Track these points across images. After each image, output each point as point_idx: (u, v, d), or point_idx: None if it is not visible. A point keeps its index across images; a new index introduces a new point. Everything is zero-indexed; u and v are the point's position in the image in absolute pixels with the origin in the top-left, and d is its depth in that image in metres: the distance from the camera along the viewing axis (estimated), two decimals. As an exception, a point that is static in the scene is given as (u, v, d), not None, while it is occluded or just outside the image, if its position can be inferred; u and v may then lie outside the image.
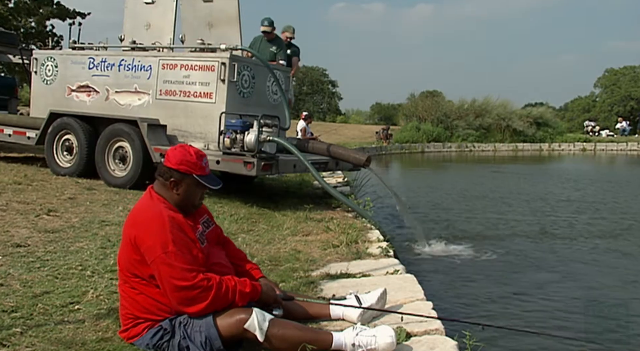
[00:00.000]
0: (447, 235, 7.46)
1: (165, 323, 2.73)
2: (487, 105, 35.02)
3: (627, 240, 7.78)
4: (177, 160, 2.85)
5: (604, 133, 38.56)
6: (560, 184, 15.06)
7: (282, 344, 2.67)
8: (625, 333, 4.42)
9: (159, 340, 2.71)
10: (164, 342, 2.71)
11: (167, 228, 2.69)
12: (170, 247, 2.64)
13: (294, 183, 9.85)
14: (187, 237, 2.75)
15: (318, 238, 5.40)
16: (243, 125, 6.84)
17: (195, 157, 2.87)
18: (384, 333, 2.75)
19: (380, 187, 8.10)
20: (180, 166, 2.83)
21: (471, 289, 5.41)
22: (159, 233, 2.68)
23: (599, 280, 5.84)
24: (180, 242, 2.68)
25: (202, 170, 2.88)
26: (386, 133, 28.77)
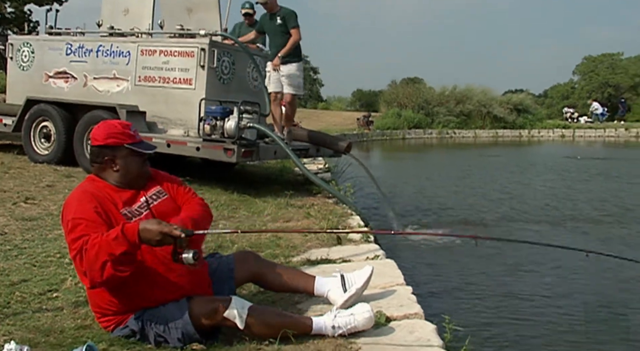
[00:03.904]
0: (428, 221, 7.52)
1: (132, 322, 2.68)
2: (468, 92, 35.10)
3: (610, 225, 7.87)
4: (103, 135, 2.74)
5: (583, 119, 38.90)
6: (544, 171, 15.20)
7: (262, 330, 2.67)
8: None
9: (132, 338, 2.69)
10: (137, 340, 2.68)
11: (79, 202, 2.60)
12: (71, 215, 2.54)
13: (274, 170, 9.84)
14: (99, 213, 2.58)
15: (299, 224, 5.41)
16: (223, 111, 6.80)
17: (120, 127, 2.79)
18: (362, 309, 2.77)
19: (362, 173, 8.12)
20: (108, 140, 2.73)
21: (451, 273, 5.47)
22: (71, 208, 2.59)
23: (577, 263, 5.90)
24: (83, 213, 2.55)
25: (132, 138, 2.77)
26: (367, 120, 28.75)
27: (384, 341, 2.70)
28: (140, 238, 2.44)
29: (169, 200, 2.89)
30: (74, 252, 2.46)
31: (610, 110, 42.27)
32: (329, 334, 2.74)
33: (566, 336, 4.01)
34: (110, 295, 2.65)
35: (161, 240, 2.46)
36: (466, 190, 10.93)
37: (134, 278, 2.58)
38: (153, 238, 2.44)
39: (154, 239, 2.45)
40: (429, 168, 16.16)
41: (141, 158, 2.81)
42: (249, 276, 3.13)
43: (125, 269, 2.46)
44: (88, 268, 2.42)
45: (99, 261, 2.39)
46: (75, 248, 2.45)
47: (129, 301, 2.67)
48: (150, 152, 2.83)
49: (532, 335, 4.06)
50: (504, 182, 12.20)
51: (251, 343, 2.65)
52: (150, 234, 2.44)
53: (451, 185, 11.77)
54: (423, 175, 13.85)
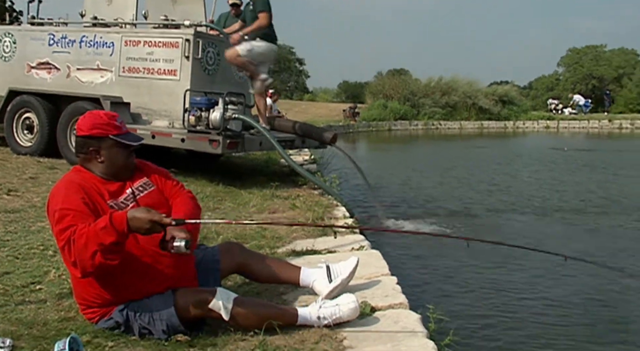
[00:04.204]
0: (414, 212, 7.54)
1: (116, 314, 2.66)
2: (454, 83, 35.20)
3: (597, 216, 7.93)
4: (88, 125, 2.71)
5: (567, 111, 39.18)
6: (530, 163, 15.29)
7: (248, 321, 2.66)
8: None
9: (117, 329, 2.67)
10: (122, 331, 2.67)
11: (66, 192, 2.57)
12: (58, 206, 2.51)
13: (260, 162, 9.83)
14: (87, 203, 2.56)
15: (284, 215, 5.40)
16: (208, 102, 6.76)
17: (106, 117, 2.75)
18: (347, 300, 2.78)
19: (347, 164, 8.12)
20: (93, 130, 2.70)
21: (437, 264, 5.50)
22: (58, 199, 2.55)
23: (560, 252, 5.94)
24: (70, 203, 2.52)
25: (118, 129, 2.74)
26: (353, 112, 28.78)
27: (368, 330, 2.71)
28: (129, 226, 2.40)
29: (155, 192, 2.86)
30: (62, 243, 2.43)
31: (594, 102, 42.60)
32: (314, 324, 2.74)
33: (551, 329, 4.04)
34: (95, 286, 2.63)
35: (150, 228, 2.43)
36: (453, 182, 10.98)
37: (121, 270, 2.56)
38: (142, 226, 2.41)
39: (143, 227, 2.41)
40: (415, 160, 16.21)
41: (127, 150, 2.77)
42: (234, 267, 3.13)
43: (115, 257, 2.44)
44: (78, 258, 2.38)
45: (89, 251, 2.37)
46: (63, 239, 2.42)
47: (114, 293, 2.65)
48: (136, 144, 2.80)
49: (516, 326, 4.09)
50: (491, 174, 12.26)
51: (236, 334, 2.65)
52: (140, 222, 2.40)
53: (437, 176, 11.82)
54: (409, 167, 13.88)
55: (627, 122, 35.45)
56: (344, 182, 7.37)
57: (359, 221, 5.33)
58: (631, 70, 53.45)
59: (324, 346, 2.54)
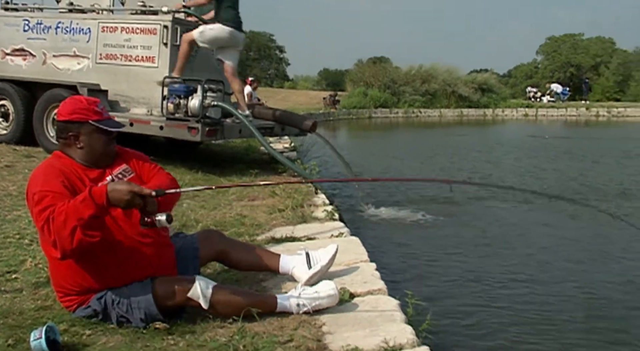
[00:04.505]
0: (394, 199, 7.56)
1: (94, 303, 2.64)
2: (434, 71, 35.36)
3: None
4: (68, 110, 2.68)
5: (545, 99, 39.55)
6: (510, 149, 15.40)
7: (227, 309, 2.66)
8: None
9: (94, 318, 2.66)
10: (99, 319, 2.65)
11: (46, 176, 2.55)
12: (37, 188, 2.48)
13: (240, 149, 9.79)
14: (67, 187, 2.53)
15: (264, 203, 5.40)
16: (186, 90, 6.71)
17: (86, 103, 2.72)
18: (326, 287, 2.79)
19: (328, 152, 8.11)
20: (73, 115, 2.67)
21: (415, 250, 5.52)
22: (38, 182, 2.53)
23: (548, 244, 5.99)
24: (50, 186, 2.49)
25: (98, 114, 2.70)
26: (333, 99, 28.79)
27: (347, 317, 2.72)
28: (109, 199, 2.38)
29: (135, 179, 2.83)
30: (41, 222, 2.39)
31: (572, 90, 43.05)
32: (293, 312, 2.75)
33: (531, 315, 4.07)
34: (74, 273, 2.61)
35: (130, 200, 2.40)
36: (433, 169, 11.01)
37: (102, 256, 2.55)
38: (122, 197, 2.39)
39: (123, 199, 2.39)
40: (396, 148, 16.24)
41: (106, 136, 2.73)
42: (213, 255, 3.12)
43: (95, 234, 2.41)
44: (57, 236, 2.35)
45: (68, 227, 2.33)
46: (42, 219, 2.39)
47: (93, 280, 2.63)
48: (115, 130, 2.76)
49: (495, 312, 4.12)
50: (471, 161, 12.32)
51: (215, 321, 2.65)
52: (119, 194, 2.39)
53: (418, 164, 11.86)
54: (390, 154, 13.91)
55: (604, 110, 35.94)
56: (324, 169, 7.36)
57: (338, 208, 5.32)
58: (608, 58, 54.02)
59: (302, 332, 2.54)
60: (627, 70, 51.83)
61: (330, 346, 2.43)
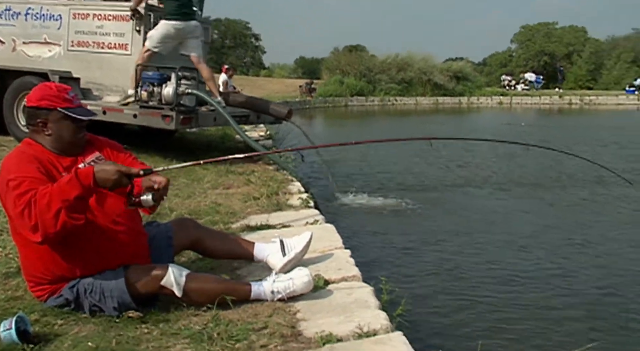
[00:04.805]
0: (370, 187, 7.58)
1: (66, 292, 2.61)
2: (409, 59, 35.49)
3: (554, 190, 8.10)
4: (37, 96, 2.64)
5: (520, 87, 39.96)
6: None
7: (200, 297, 2.65)
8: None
9: (66, 307, 2.63)
10: (72, 309, 2.63)
11: (19, 162, 2.51)
12: (12, 175, 2.44)
13: (215, 138, 9.73)
14: (42, 173, 2.50)
15: (239, 191, 5.38)
16: (160, 77, 6.64)
17: (56, 90, 2.67)
18: (300, 274, 2.80)
19: (304, 140, 8.10)
20: (42, 102, 2.63)
21: (391, 238, 5.57)
22: (11, 168, 2.49)
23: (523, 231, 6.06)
24: (26, 172, 2.45)
25: (68, 102, 2.66)
26: (309, 88, 28.74)
27: (322, 303, 2.73)
28: (96, 179, 2.38)
29: None
30: (20, 207, 2.35)
31: (546, 79, 43.54)
32: (268, 299, 2.75)
33: (504, 302, 4.12)
34: (46, 262, 2.57)
35: (117, 180, 2.41)
36: (409, 157, 11.03)
37: (75, 242, 2.51)
38: (109, 177, 2.39)
39: (111, 179, 2.40)
40: (372, 136, 16.25)
41: (76, 125, 2.69)
42: (187, 244, 3.10)
43: (79, 217, 2.39)
44: (40, 219, 2.31)
45: (52, 209, 2.31)
46: (22, 203, 2.34)
47: (66, 269, 2.60)
48: (85, 119, 2.72)
49: (469, 298, 4.17)
50: (448, 149, 12.37)
51: (189, 310, 2.64)
52: (107, 174, 2.39)
53: (394, 152, 11.86)
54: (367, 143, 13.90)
55: (577, 98, 36.47)
56: (299, 157, 7.34)
57: (313, 196, 5.33)
58: (581, 47, 54.67)
59: (277, 319, 2.55)
60: (599, 59, 52.58)
61: (304, 332, 2.44)
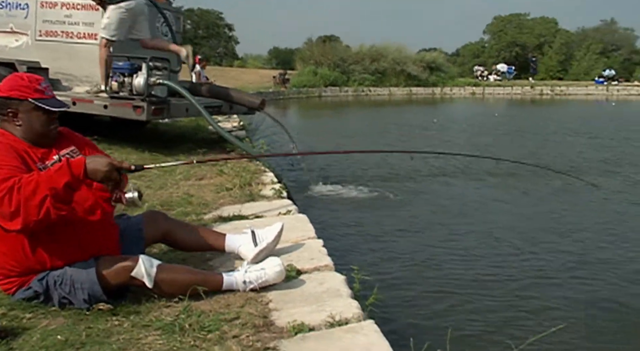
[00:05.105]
0: (345, 177, 7.60)
1: (35, 284, 2.57)
2: (383, 50, 35.61)
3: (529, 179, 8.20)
4: (8, 86, 2.60)
5: (492, 78, 40.36)
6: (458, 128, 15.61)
7: (172, 288, 2.63)
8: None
9: (35, 300, 2.59)
10: (40, 302, 2.59)
11: None
12: None
13: (188, 129, 9.65)
14: (17, 161, 2.47)
15: (211, 181, 5.34)
16: (131, 67, 6.55)
17: (27, 80, 2.64)
18: (272, 263, 2.79)
19: (277, 131, 8.08)
20: (12, 92, 2.59)
21: (364, 228, 5.60)
22: None
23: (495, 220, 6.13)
24: (3, 160, 2.42)
25: (39, 93, 2.63)
26: (283, 78, 28.67)
27: (294, 293, 2.73)
28: (87, 170, 2.37)
29: None
30: (1, 193, 2.31)
31: (518, 69, 44.04)
32: (240, 289, 2.74)
33: (475, 293, 4.17)
34: (15, 254, 2.53)
35: (108, 173, 2.41)
36: (384, 148, 11.04)
37: (46, 233, 2.48)
38: (100, 169, 2.39)
39: (101, 170, 2.39)
40: (346, 126, 16.30)
41: (47, 116, 2.65)
42: (158, 236, 3.08)
43: (64, 207, 2.38)
44: (23, 205, 2.28)
45: (37, 197, 2.29)
46: (3, 189, 2.30)
47: (36, 260, 2.55)
48: (57, 110, 2.68)
49: (441, 286, 4.22)
50: (423, 139, 12.46)
51: (160, 301, 2.62)
52: (98, 165, 2.39)
53: (368, 143, 11.90)
54: (340, 133, 13.95)
55: (548, 89, 37.00)
56: (272, 148, 7.33)
57: (287, 186, 5.32)
58: (552, 38, 55.33)
59: (249, 309, 2.54)
60: (570, 50, 53.28)
61: (276, 322, 2.44)
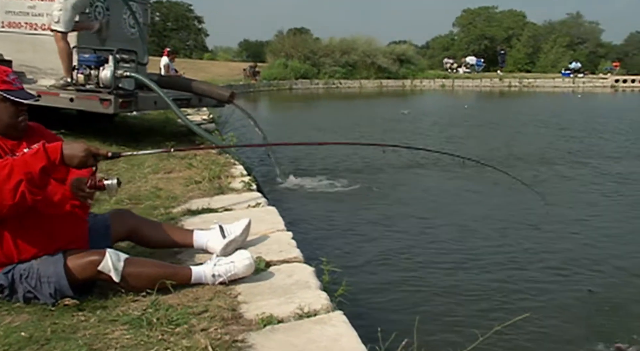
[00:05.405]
0: (315, 169, 7.60)
1: (1, 277, 2.52)
2: (353, 42, 35.63)
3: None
4: None
5: (462, 70, 40.72)
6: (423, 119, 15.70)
7: (140, 282, 2.61)
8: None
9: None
10: (4, 297, 2.54)
11: None
12: None
13: (157, 122, 9.55)
14: None
15: (180, 175, 5.30)
16: (97, 60, 6.46)
17: None
18: (241, 256, 2.78)
19: (246, 123, 8.04)
20: None
21: (334, 220, 5.62)
22: None
23: (455, 208, 6.19)
24: None
25: (7, 84, 2.58)
26: (253, 71, 28.52)
27: (263, 285, 2.73)
28: (63, 155, 2.36)
29: None
30: None
31: (487, 62, 44.50)
32: (209, 282, 2.73)
33: (444, 281, 4.23)
34: None
35: (85, 159, 2.41)
36: (355, 140, 11.05)
37: (11, 227, 2.45)
38: (77, 154, 2.39)
39: (78, 156, 2.39)
40: (317, 119, 16.28)
41: (15, 107, 2.60)
42: (125, 234, 3.04)
43: (38, 192, 2.37)
44: None
45: (12, 180, 2.28)
46: None
47: (2, 253, 2.51)
48: (26, 102, 2.63)
49: (409, 278, 4.26)
50: (395, 132, 12.49)
51: (128, 296, 2.59)
52: (75, 151, 2.38)
53: (340, 135, 11.91)
54: (311, 126, 13.93)
55: (516, 81, 37.48)
56: (242, 141, 7.29)
57: (256, 178, 5.31)
58: (520, 31, 55.98)
59: (218, 302, 2.53)
60: (537, 42, 53.97)
61: (245, 315, 2.44)
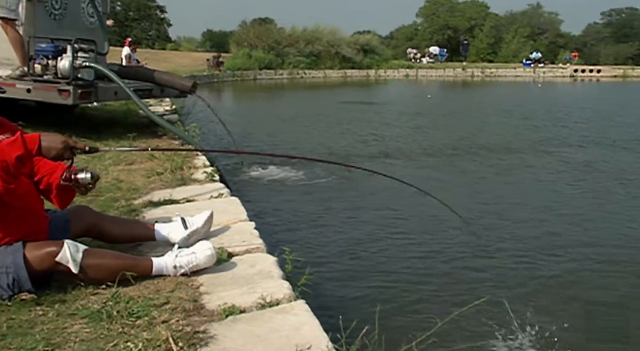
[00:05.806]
0: (277, 159, 7.58)
1: None
2: (318, 32, 35.54)
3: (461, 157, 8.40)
4: None
5: (425, 60, 41.01)
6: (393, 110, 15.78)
7: (99, 274, 2.57)
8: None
9: None
10: None
11: None
12: None
13: (119, 113, 9.40)
14: None
15: (142, 166, 5.23)
16: (55, 50, 6.32)
17: None
18: (202, 247, 2.77)
19: (209, 113, 7.98)
20: None
21: (297, 210, 5.62)
22: None
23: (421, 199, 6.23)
24: None
25: None
26: (217, 61, 28.26)
27: (225, 276, 2.73)
28: (40, 146, 2.37)
29: None
30: None
31: (450, 52, 44.92)
32: (170, 274, 2.71)
33: (406, 268, 4.27)
34: None
35: (62, 151, 2.43)
36: (322, 131, 11.07)
37: None
38: (55, 146, 2.40)
39: (55, 148, 2.41)
40: (282, 110, 16.22)
41: None
42: (85, 229, 2.98)
43: (12, 180, 2.38)
44: None
45: None
46: None
47: None
48: None
49: (371, 267, 4.30)
50: (361, 123, 12.51)
51: (87, 289, 2.55)
52: (53, 142, 2.40)
53: (306, 126, 11.89)
54: (276, 116, 13.88)
55: (479, 71, 37.89)
56: (205, 132, 7.23)
57: (219, 169, 5.28)
58: (482, 21, 56.55)
59: (179, 294, 2.52)
60: (499, 33, 54.66)
61: (207, 306, 2.43)
